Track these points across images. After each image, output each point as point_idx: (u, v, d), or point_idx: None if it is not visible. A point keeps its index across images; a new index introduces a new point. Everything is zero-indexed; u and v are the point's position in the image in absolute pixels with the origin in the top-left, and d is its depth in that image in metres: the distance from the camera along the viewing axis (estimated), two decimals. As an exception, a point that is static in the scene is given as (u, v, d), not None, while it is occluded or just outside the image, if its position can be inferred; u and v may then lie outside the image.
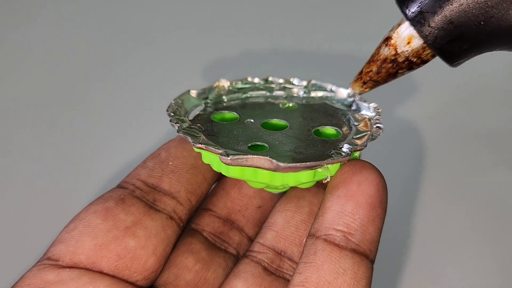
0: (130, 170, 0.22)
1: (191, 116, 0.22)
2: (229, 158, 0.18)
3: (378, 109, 0.22)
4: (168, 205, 0.20)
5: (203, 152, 0.20)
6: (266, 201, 0.23)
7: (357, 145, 0.19)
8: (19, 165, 0.32)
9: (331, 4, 0.42)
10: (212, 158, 0.20)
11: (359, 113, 0.22)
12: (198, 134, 0.20)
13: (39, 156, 0.33)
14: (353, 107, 0.22)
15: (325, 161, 0.18)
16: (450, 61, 0.19)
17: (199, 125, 0.21)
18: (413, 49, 0.19)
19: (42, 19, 0.43)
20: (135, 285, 0.19)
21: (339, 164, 0.18)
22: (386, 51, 0.20)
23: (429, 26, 0.18)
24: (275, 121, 0.22)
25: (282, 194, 0.22)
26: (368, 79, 0.21)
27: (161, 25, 0.42)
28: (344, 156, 0.18)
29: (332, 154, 0.18)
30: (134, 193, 0.20)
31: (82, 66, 0.39)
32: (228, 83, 0.24)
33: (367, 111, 0.22)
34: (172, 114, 0.21)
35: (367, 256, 0.17)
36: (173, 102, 0.22)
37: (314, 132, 0.21)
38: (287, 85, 0.24)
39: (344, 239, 0.17)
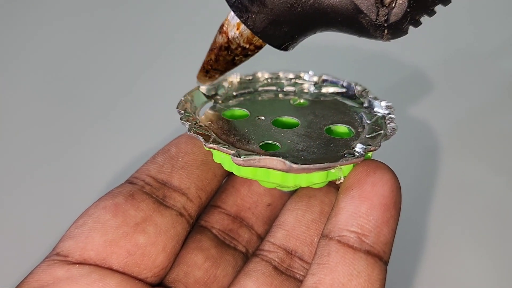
0: (139, 165, 0.21)
1: (201, 113, 0.22)
2: (241, 159, 0.18)
3: (391, 107, 0.21)
4: (178, 202, 0.20)
5: (214, 151, 0.20)
6: (276, 199, 0.23)
7: (370, 145, 0.19)
8: (29, 160, 0.32)
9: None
10: (223, 158, 0.19)
11: (372, 111, 0.22)
12: (208, 132, 0.20)
13: (48, 151, 0.33)
14: (366, 104, 0.22)
15: (339, 162, 0.18)
16: (276, 45, 0.19)
17: (209, 122, 0.21)
18: (243, 35, 0.19)
19: (48, 16, 0.42)
20: (144, 282, 0.19)
21: (352, 164, 0.18)
22: (220, 39, 0.20)
23: (246, 11, 0.18)
24: (286, 118, 0.22)
25: (293, 192, 0.22)
26: (209, 68, 0.21)
27: (171, 20, 0.42)
28: (358, 157, 0.18)
29: (345, 154, 0.18)
30: (143, 189, 0.20)
31: (95, 63, 0.39)
32: (238, 79, 0.23)
33: (380, 108, 0.21)
34: (182, 112, 0.21)
35: (381, 258, 0.17)
36: (182, 99, 0.21)
37: (326, 130, 0.20)
38: (298, 81, 0.24)
39: (358, 240, 0.16)
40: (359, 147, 0.19)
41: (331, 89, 0.24)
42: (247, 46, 0.20)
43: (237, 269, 0.21)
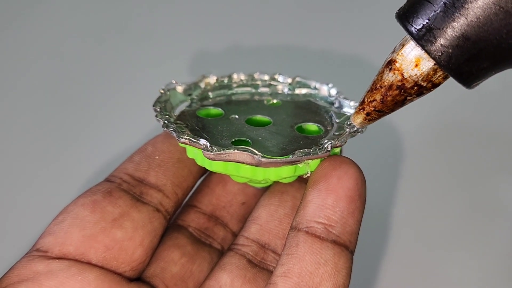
0: (117, 165, 0.22)
1: (177, 112, 0.23)
2: (212, 153, 0.18)
3: None
4: (154, 198, 0.21)
5: (188, 147, 0.20)
6: (250, 197, 0.24)
7: (337, 141, 0.19)
8: (7, 160, 0.33)
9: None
10: (196, 153, 0.20)
11: (342, 111, 0.23)
12: (183, 129, 0.20)
13: (27, 150, 0.33)
14: (336, 105, 0.23)
15: (306, 156, 0.18)
16: (468, 83, 0.17)
17: (184, 120, 0.21)
18: (422, 73, 0.17)
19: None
20: (123, 276, 0.19)
21: (319, 159, 0.19)
22: (391, 77, 0.18)
23: (441, 44, 0.16)
24: (259, 117, 0.22)
25: (266, 189, 0.23)
26: (371, 109, 0.19)
27: (147, 19, 0.42)
28: (324, 152, 0.19)
29: (311, 149, 0.19)
30: (121, 186, 0.21)
31: (68, 62, 0.39)
32: (215, 79, 0.24)
33: (349, 108, 0.22)
34: (158, 109, 0.21)
35: (347, 247, 0.17)
36: (159, 97, 0.22)
37: (297, 129, 0.21)
38: (272, 82, 0.25)
39: (325, 231, 0.17)
40: (325, 144, 0.19)
41: (304, 91, 0.24)
42: (425, 84, 0.17)
43: (213, 265, 0.22)
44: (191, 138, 0.19)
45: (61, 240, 0.19)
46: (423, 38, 0.16)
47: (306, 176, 0.19)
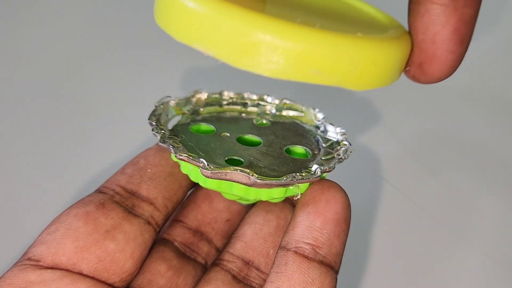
0: (108, 175, 0.22)
1: (170, 126, 0.23)
2: (209, 171, 0.19)
3: (345, 134, 0.23)
4: (146, 211, 0.21)
5: (182, 163, 0.21)
6: (234, 215, 0.24)
7: (326, 166, 0.20)
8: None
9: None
10: (191, 169, 0.21)
11: (327, 135, 0.23)
12: (178, 144, 0.21)
13: (17, 159, 0.33)
14: (322, 129, 0.24)
15: (298, 180, 0.19)
16: None
17: (177, 135, 0.22)
18: None
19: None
20: (113, 287, 0.20)
21: (308, 183, 0.20)
22: None
23: None
24: (250, 136, 0.23)
25: (250, 207, 0.23)
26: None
27: (141, 33, 0.42)
28: (315, 177, 0.20)
29: (303, 173, 0.20)
30: (113, 198, 0.21)
31: (61, 74, 0.39)
32: (206, 95, 0.25)
33: (335, 134, 0.23)
34: (154, 123, 0.22)
35: (332, 268, 0.18)
36: (154, 110, 0.23)
37: (285, 150, 0.22)
38: (261, 102, 0.25)
39: (313, 251, 0.18)
40: (315, 168, 0.20)
41: (291, 113, 0.25)
42: None
43: (197, 279, 0.22)
44: (190, 156, 0.20)
45: (54, 250, 0.19)
46: None
47: (296, 199, 0.20)
